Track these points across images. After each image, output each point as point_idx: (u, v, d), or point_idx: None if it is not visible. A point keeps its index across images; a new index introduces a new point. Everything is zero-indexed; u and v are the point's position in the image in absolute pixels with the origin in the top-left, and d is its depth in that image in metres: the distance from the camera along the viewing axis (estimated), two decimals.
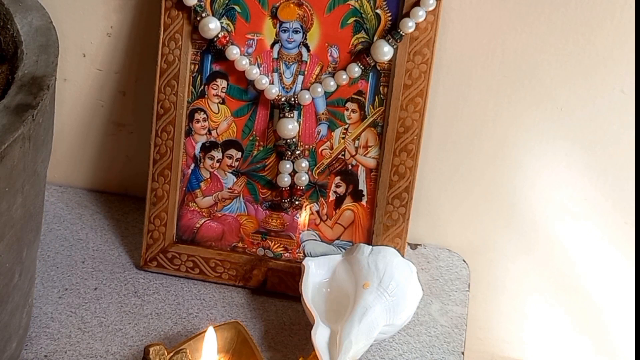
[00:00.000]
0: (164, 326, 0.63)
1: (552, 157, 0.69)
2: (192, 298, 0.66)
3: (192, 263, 0.68)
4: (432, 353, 0.63)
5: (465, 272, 0.72)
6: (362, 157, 0.64)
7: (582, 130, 0.67)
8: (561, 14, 0.63)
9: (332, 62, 0.62)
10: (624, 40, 0.63)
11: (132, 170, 0.77)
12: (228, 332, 0.58)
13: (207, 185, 0.67)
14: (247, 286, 0.68)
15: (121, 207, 0.77)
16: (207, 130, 0.65)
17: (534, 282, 0.75)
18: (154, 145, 0.66)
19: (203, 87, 0.64)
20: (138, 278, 0.68)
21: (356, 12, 0.61)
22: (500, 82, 0.67)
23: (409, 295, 0.60)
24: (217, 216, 0.67)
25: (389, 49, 0.60)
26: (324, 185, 0.65)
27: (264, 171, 0.66)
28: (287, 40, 0.62)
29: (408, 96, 0.61)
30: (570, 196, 0.70)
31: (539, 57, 0.65)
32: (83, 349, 0.60)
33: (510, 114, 0.68)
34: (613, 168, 0.68)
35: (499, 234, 0.74)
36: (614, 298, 0.74)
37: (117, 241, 0.72)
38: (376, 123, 0.63)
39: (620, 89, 0.65)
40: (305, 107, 0.64)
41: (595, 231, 0.71)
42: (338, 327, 0.57)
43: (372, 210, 0.65)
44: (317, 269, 0.63)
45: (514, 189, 0.71)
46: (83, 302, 0.65)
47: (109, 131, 0.76)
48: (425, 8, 0.59)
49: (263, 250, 0.67)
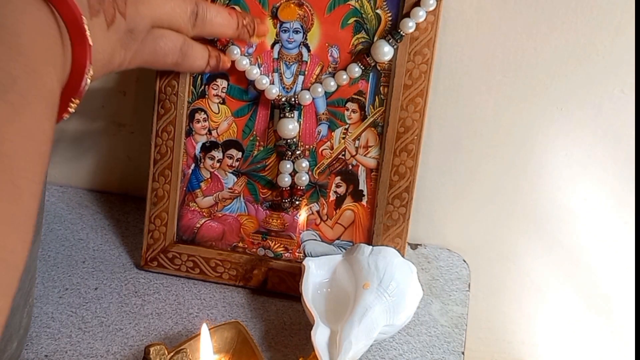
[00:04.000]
0: (165, 326, 0.63)
1: (552, 157, 0.69)
2: (193, 298, 0.66)
3: (192, 263, 0.68)
4: (432, 353, 0.63)
5: (465, 272, 0.72)
6: (363, 157, 0.64)
7: (582, 130, 0.67)
8: (561, 14, 0.63)
9: (333, 62, 0.62)
10: (624, 40, 0.63)
11: (132, 170, 0.77)
12: (228, 332, 0.58)
13: (208, 185, 0.67)
14: (247, 286, 0.68)
15: (122, 207, 0.77)
16: (207, 130, 0.65)
17: (534, 282, 0.75)
18: (155, 145, 0.66)
19: (203, 87, 0.64)
20: (138, 278, 0.68)
21: (356, 12, 0.61)
22: (500, 82, 0.67)
23: (409, 296, 0.60)
24: (218, 216, 0.67)
25: (389, 49, 0.60)
26: (324, 185, 0.65)
27: (264, 171, 0.66)
28: (288, 40, 0.62)
29: (408, 96, 0.61)
30: (571, 196, 0.70)
31: (539, 57, 0.65)
32: (83, 348, 0.60)
33: (510, 114, 0.68)
34: (613, 168, 0.68)
35: (499, 234, 0.74)
36: (614, 298, 0.74)
37: (118, 241, 0.73)
38: (376, 123, 0.63)
39: (620, 89, 0.65)
40: (305, 107, 0.64)
41: (595, 231, 0.71)
42: (338, 327, 0.57)
43: (373, 210, 0.65)
44: (317, 269, 0.63)
45: (514, 189, 0.71)
46: (83, 302, 0.65)
47: (110, 131, 0.76)
48: (425, 8, 0.59)
49: (263, 250, 0.67)
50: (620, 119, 0.66)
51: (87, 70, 0.42)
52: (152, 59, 0.52)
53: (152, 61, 0.52)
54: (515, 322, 0.78)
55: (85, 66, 0.42)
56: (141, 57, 0.50)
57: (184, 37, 0.53)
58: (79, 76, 0.42)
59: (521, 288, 0.76)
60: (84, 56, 0.42)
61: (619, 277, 0.73)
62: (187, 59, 0.54)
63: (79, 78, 0.42)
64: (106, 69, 0.47)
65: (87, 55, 0.42)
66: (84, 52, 0.42)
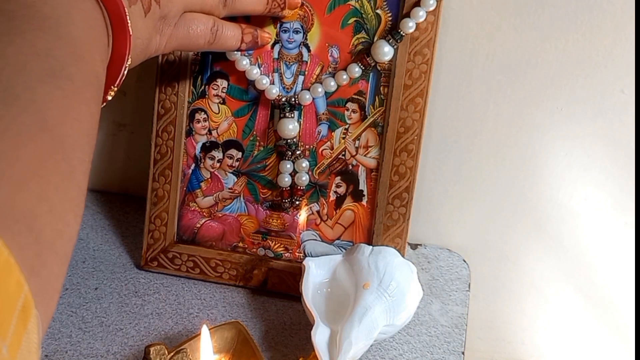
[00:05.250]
0: (165, 326, 0.63)
1: (552, 157, 0.69)
2: (193, 298, 0.66)
3: (192, 263, 0.68)
4: (432, 353, 0.63)
5: (466, 272, 0.72)
6: (363, 157, 0.64)
7: (582, 130, 0.67)
8: (561, 14, 0.63)
9: (333, 62, 0.62)
10: (624, 40, 0.63)
11: (132, 170, 0.77)
12: (228, 332, 0.58)
13: (208, 185, 0.67)
14: (247, 286, 0.68)
15: (122, 207, 0.77)
16: (207, 130, 0.65)
17: (534, 282, 0.75)
18: (155, 145, 0.66)
19: (204, 87, 0.64)
20: (139, 278, 0.68)
21: (356, 12, 0.61)
22: (500, 82, 0.67)
23: (409, 296, 0.60)
24: (218, 216, 0.67)
25: (389, 49, 0.60)
26: (324, 185, 0.65)
27: (264, 171, 0.66)
28: (288, 40, 0.62)
29: (408, 96, 0.61)
30: (571, 196, 0.70)
31: (539, 57, 0.65)
32: (84, 348, 0.60)
33: (510, 114, 0.68)
34: (613, 168, 0.68)
35: (499, 234, 0.74)
36: (614, 298, 0.74)
37: (118, 241, 0.73)
38: (376, 123, 0.63)
39: (621, 89, 0.65)
40: (305, 107, 0.64)
41: (595, 231, 0.71)
42: (338, 327, 0.57)
43: (373, 210, 0.65)
44: (317, 269, 0.63)
45: (514, 189, 0.71)
46: (84, 302, 0.65)
47: (110, 131, 0.76)
48: (425, 8, 0.59)
49: (263, 250, 0.67)
50: (620, 119, 0.66)
51: (127, 59, 0.44)
52: (185, 43, 0.53)
53: (186, 44, 0.53)
54: (515, 322, 0.78)
55: (125, 55, 0.44)
56: (175, 41, 0.52)
57: (214, 19, 0.54)
58: (118, 65, 0.44)
59: (521, 288, 0.76)
60: (124, 46, 0.44)
61: (619, 277, 0.73)
62: (219, 39, 0.55)
63: (118, 66, 0.44)
64: (143, 55, 0.49)
65: (127, 44, 0.44)
66: (124, 42, 0.44)
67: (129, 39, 0.44)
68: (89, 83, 0.39)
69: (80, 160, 0.37)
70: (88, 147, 0.38)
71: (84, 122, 0.38)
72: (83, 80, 0.39)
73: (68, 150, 0.36)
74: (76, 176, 0.36)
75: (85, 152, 0.38)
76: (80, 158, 0.37)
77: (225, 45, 0.57)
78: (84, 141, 0.37)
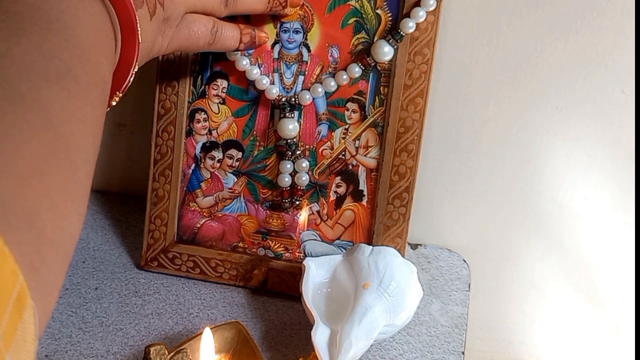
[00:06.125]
0: (165, 326, 0.63)
1: (552, 157, 0.69)
2: (193, 298, 0.66)
3: (192, 263, 0.68)
4: (432, 353, 0.63)
5: (465, 272, 0.72)
6: (363, 157, 0.64)
7: (582, 130, 0.67)
8: (561, 14, 0.63)
9: (333, 62, 0.62)
10: (624, 40, 0.63)
11: (132, 170, 0.77)
12: (229, 332, 0.58)
13: (208, 185, 0.67)
14: (247, 286, 0.68)
15: (122, 207, 0.77)
16: (207, 131, 0.65)
17: (534, 282, 0.75)
18: (155, 145, 0.66)
19: (204, 87, 0.64)
20: (139, 278, 0.68)
21: (357, 12, 0.61)
22: (500, 82, 0.67)
23: (409, 296, 0.60)
24: (218, 216, 0.67)
25: (389, 49, 0.60)
26: (324, 185, 0.65)
27: (264, 171, 0.66)
28: (288, 40, 0.62)
29: (408, 96, 0.61)
30: (571, 196, 0.70)
31: (539, 57, 0.65)
32: (84, 348, 0.60)
33: (510, 114, 0.68)
34: (613, 168, 0.68)
35: (499, 234, 0.74)
36: (614, 298, 0.74)
37: (118, 241, 0.73)
38: (377, 123, 0.63)
39: (621, 89, 0.65)
40: (305, 107, 0.64)
41: (595, 231, 0.71)
42: (338, 327, 0.57)
43: (373, 210, 0.65)
44: (317, 269, 0.63)
45: (514, 189, 0.71)
46: (84, 302, 0.65)
47: (110, 131, 0.76)
48: (425, 8, 0.59)
49: (264, 250, 0.67)
50: (620, 119, 0.66)
51: (134, 66, 0.45)
52: (186, 44, 0.53)
53: (186, 45, 0.53)
54: (515, 322, 0.78)
55: (133, 62, 0.45)
56: (176, 43, 0.52)
57: (214, 20, 0.55)
58: (125, 70, 0.45)
59: (521, 288, 0.76)
60: (133, 52, 0.45)
61: (619, 277, 0.73)
62: (218, 40, 0.56)
63: (125, 72, 0.45)
64: (146, 57, 0.50)
65: (135, 51, 0.45)
66: (133, 49, 0.45)
67: (138, 46, 0.44)
68: (95, 85, 0.40)
69: (84, 160, 0.37)
70: (92, 148, 0.38)
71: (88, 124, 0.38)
72: (89, 82, 0.39)
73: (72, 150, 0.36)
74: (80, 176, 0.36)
75: (90, 152, 0.38)
76: (84, 158, 0.37)
77: (224, 46, 0.57)
78: (88, 142, 0.38)
